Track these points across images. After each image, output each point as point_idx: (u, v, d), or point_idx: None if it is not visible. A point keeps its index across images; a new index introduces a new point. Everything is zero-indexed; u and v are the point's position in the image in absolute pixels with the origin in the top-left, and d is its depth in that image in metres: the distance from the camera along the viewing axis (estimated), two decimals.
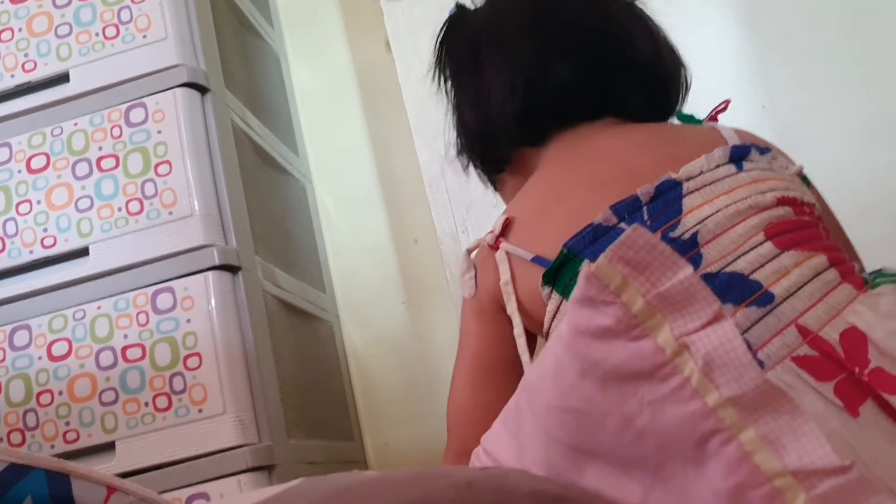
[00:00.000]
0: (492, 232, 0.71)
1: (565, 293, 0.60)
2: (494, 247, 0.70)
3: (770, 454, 0.36)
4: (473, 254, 0.74)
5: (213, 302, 1.08)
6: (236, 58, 1.37)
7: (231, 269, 1.11)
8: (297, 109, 1.64)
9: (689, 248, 0.57)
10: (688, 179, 0.62)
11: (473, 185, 1.44)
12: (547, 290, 0.62)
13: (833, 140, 1.28)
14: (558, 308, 0.61)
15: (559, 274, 0.61)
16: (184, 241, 1.10)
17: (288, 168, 1.49)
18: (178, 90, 1.14)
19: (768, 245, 0.57)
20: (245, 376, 1.07)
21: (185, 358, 1.06)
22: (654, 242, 0.40)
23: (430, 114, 1.40)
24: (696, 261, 0.56)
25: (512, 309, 0.66)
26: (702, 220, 0.58)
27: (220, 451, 1.03)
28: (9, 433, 1.06)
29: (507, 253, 0.67)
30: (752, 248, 0.57)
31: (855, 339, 0.51)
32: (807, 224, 0.61)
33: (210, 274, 1.09)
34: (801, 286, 0.56)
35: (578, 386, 0.41)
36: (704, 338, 0.39)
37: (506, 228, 0.70)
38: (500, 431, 0.50)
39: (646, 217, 0.60)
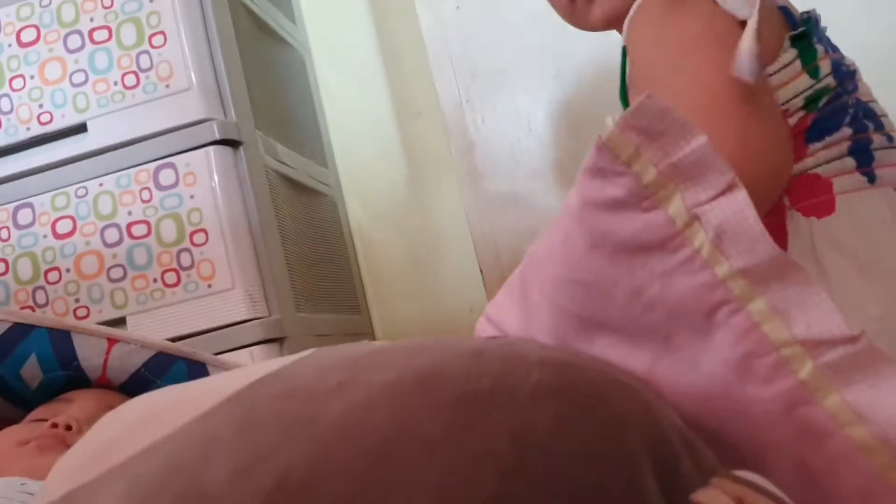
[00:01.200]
0: None
1: (800, 54, 0.66)
2: None
3: (778, 323, 0.37)
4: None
5: (215, 177, 1.07)
6: None
7: (232, 143, 1.10)
8: None
9: (852, 75, 0.69)
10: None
11: (478, 51, 1.40)
12: (789, 42, 0.66)
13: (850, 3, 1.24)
14: (791, 63, 0.65)
15: (801, 35, 0.66)
16: (183, 115, 1.07)
17: (286, 38, 1.45)
18: None
19: (880, 105, 0.71)
20: (252, 251, 1.08)
21: (191, 234, 1.06)
22: (668, 109, 0.39)
23: None
24: (855, 87, 0.69)
25: (752, 26, 0.61)
26: (852, 63, 0.71)
27: (231, 325, 1.05)
28: (20, 310, 1.08)
29: None
30: (875, 101, 0.71)
31: None
32: None
33: (211, 149, 1.07)
34: None
35: (587, 258, 0.41)
36: (717, 208, 0.38)
37: None
38: (506, 300, 0.50)
39: (823, 37, 0.70)
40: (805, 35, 0.67)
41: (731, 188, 0.38)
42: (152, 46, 1.08)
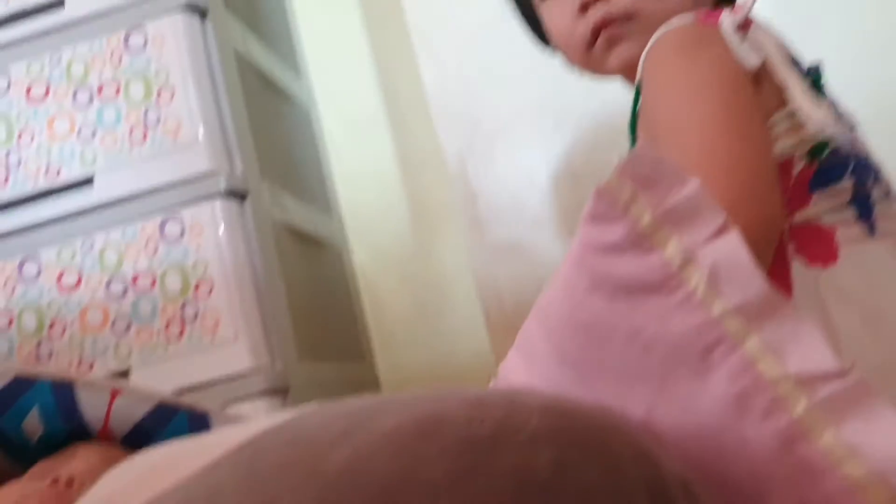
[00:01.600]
0: (737, 10, 0.69)
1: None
2: (745, 26, 0.68)
3: (772, 361, 0.38)
4: (726, 23, 0.68)
5: (221, 229, 1.08)
6: None
7: (238, 195, 1.11)
8: (299, 30, 1.60)
9: (853, 128, 0.73)
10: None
11: (479, 104, 1.42)
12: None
13: (841, 54, 1.26)
14: (794, 113, 0.67)
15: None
16: (189, 168, 1.09)
17: (291, 92, 1.47)
18: (177, 15, 1.12)
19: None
20: (256, 302, 1.08)
21: (196, 286, 1.06)
22: (661, 159, 0.42)
23: (434, 33, 1.37)
24: (855, 139, 0.70)
25: (787, 75, 0.65)
26: (850, 115, 0.74)
27: (235, 377, 1.05)
28: (23, 363, 1.08)
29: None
30: (871, 154, 0.72)
31: None
32: None
33: (217, 201, 1.08)
34: None
35: (587, 300, 0.42)
36: (711, 249, 0.40)
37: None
38: (515, 358, 0.51)
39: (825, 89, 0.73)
40: (812, 86, 0.68)
41: (724, 230, 0.40)
42: (160, 102, 1.10)
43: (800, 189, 0.67)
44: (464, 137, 1.41)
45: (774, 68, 0.66)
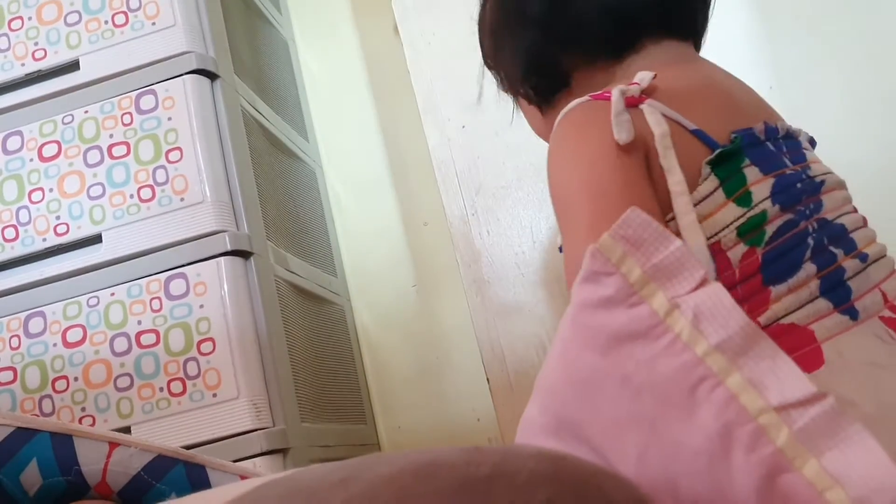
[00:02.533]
0: (633, 83, 0.65)
1: (723, 182, 0.61)
2: (635, 101, 0.63)
3: (754, 393, 0.40)
4: (615, 97, 0.64)
5: (225, 287, 1.09)
6: (245, 44, 1.37)
7: (243, 254, 1.12)
8: (306, 94, 1.64)
9: (817, 191, 0.64)
10: (799, 137, 0.69)
11: (482, 168, 1.45)
12: (708, 169, 0.61)
13: (841, 120, 1.28)
14: (711, 193, 0.60)
15: (723, 160, 0.61)
16: (196, 227, 1.10)
17: (298, 153, 1.50)
18: (187, 77, 1.15)
19: (858, 216, 0.67)
20: (258, 361, 1.08)
21: (199, 343, 1.07)
22: (649, 221, 0.45)
23: (438, 97, 1.40)
24: (818, 205, 0.63)
25: (672, 164, 0.61)
26: (824, 174, 0.66)
27: (235, 435, 1.05)
28: (23, 415, 1.08)
29: (660, 112, 0.63)
30: (849, 212, 0.66)
31: None
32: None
33: (222, 259, 1.09)
34: (881, 258, 0.64)
35: (581, 357, 0.45)
36: (693, 297, 0.43)
37: (650, 89, 0.65)
38: (518, 434, 0.52)
39: (784, 149, 0.65)
40: (729, 159, 0.62)
41: (704, 283, 0.43)
42: (169, 161, 1.12)
43: (752, 286, 0.59)
44: (466, 198, 1.43)
45: (658, 150, 0.61)
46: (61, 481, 0.87)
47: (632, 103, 0.63)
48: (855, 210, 0.68)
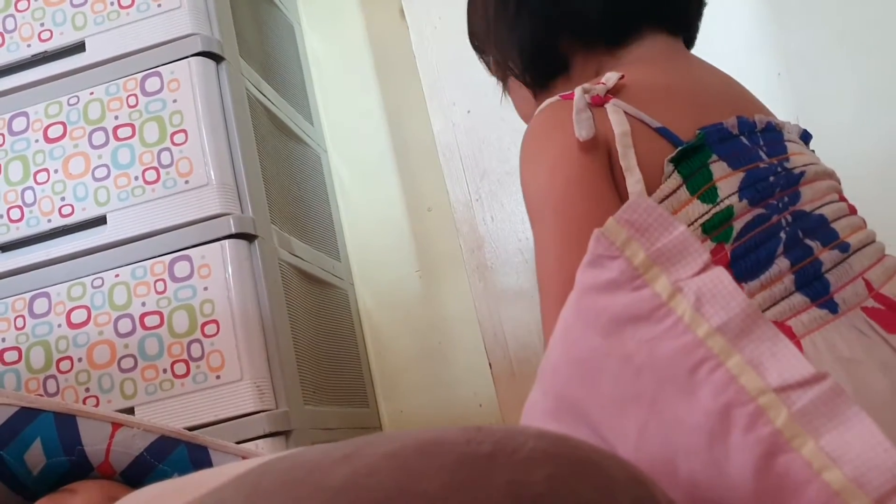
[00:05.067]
0: (600, 83, 0.65)
1: (686, 179, 0.61)
2: (601, 101, 0.64)
3: (754, 375, 0.41)
4: (577, 95, 0.64)
5: (229, 270, 1.09)
6: (250, 27, 1.36)
7: (247, 237, 1.13)
8: (312, 78, 1.64)
9: (794, 183, 0.64)
10: (783, 129, 0.69)
11: (487, 153, 1.45)
12: (671, 167, 0.62)
13: (849, 107, 1.28)
14: (674, 191, 0.61)
15: (688, 156, 0.62)
16: (200, 209, 1.11)
17: (302, 137, 1.50)
18: (192, 59, 1.15)
19: (843, 204, 0.66)
20: (262, 343, 1.09)
21: (203, 325, 1.07)
22: (654, 206, 0.46)
23: (443, 81, 1.40)
24: (794, 197, 0.63)
25: (631, 164, 0.61)
26: (805, 165, 0.66)
27: (238, 417, 1.05)
28: (27, 395, 1.08)
29: (624, 111, 0.63)
30: (832, 202, 0.65)
31: None
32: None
33: (227, 242, 1.10)
34: (866, 245, 0.64)
35: (583, 337, 0.46)
36: (695, 281, 0.44)
37: (617, 88, 0.65)
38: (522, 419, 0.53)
39: (761, 142, 0.65)
40: (693, 155, 0.62)
41: (708, 267, 0.44)
42: (174, 144, 1.12)
43: None
44: (471, 184, 1.43)
45: (618, 149, 0.62)
46: (65, 461, 0.87)
47: (597, 102, 0.63)
48: (841, 199, 0.68)
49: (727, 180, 0.61)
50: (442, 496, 0.27)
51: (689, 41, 0.79)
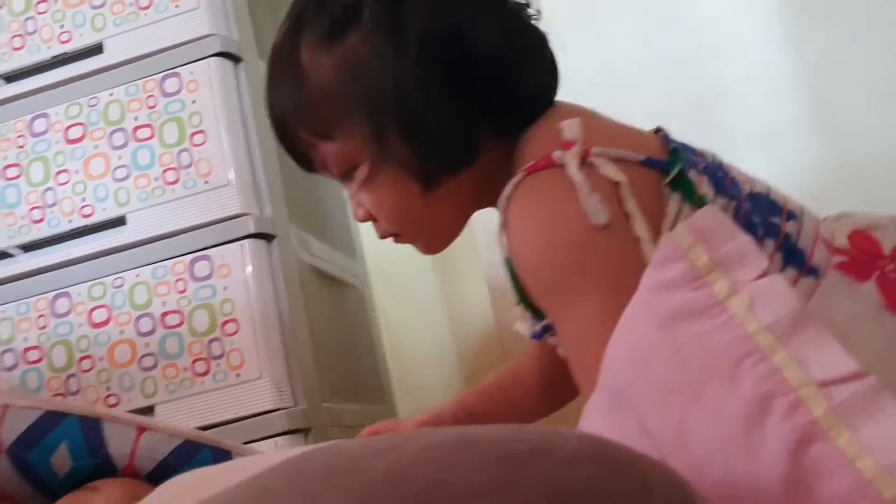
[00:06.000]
0: (568, 145, 0.63)
1: (683, 195, 0.64)
2: (584, 156, 0.62)
3: (797, 369, 0.43)
4: (573, 171, 0.62)
5: (249, 269, 1.10)
6: (269, 26, 1.37)
7: (266, 237, 1.13)
8: None
9: (726, 171, 0.67)
10: None
11: None
12: (668, 190, 0.64)
13: (867, 106, 1.27)
14: (679, 212, 0.63)
15: (676, 175, 0.64)
16: (220, 210, 1.11)
17: None
18: (211, 60, 1.16)
19: (758, 177, 0.70)
20: (280, 342, 1.10)
21: (223, 324, 1.08)
22: (721, 217, 0.51)
23: None
24: (735, 183, 0.66)
25: (634, 209, 0.61)
26: (712, 155, 0.69)
27: (258, 415, 1.06)
28: (53, 397, 1.10)
29: (606, 157, 0.63)
30: (754, 179, 0.69)
31: (862, 240, 0.65)
32: None
33: (246, 242, 1.11)
34: (802, 212, 0.68)
35: (638, 330, 0.49)
36: (753, 284, 0.47)
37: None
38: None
39: (689, 158, 0.67)
40: (679, 172, 0.64)
41: (765, 273, 0.48)
42: (193, 144, 1.13)
43: None
44: None
45: (622, 196, 0.62)
46: (90, 464, 0.88)
47: (582, 160, 0.63)
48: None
49: (703, 184, 0.65)
50: (481, 491, 0.28)
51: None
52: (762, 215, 0.66)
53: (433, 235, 0.77)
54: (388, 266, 1.57)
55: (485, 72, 0.67)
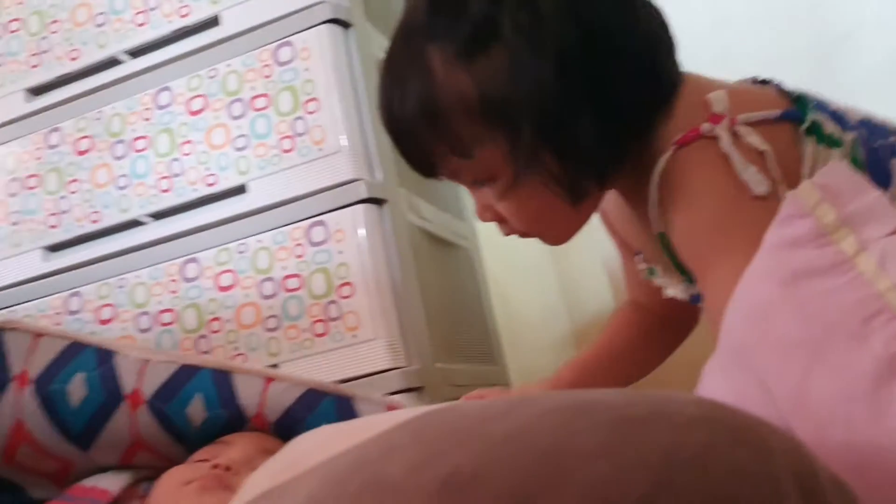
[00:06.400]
0: (716, 118, 0.63)
1: (817, 140, 0.64)
2: (732, 127, 0.63)
3: None
4: (726, 145, 0.62)
5: (361, 234, 1.13)
6: None
7: (377, 202, 1.16)
8: None
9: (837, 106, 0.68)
10: None
11: None
12: (803, 136, 0.64)
13: None
14: (815, 155, 0.63)
15: (811, 123, 0.64)
16: (333, 176, 1.15)
17: None
18: (322, 27, 1.18)
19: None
20: (393, 303, 1.12)
21: (339, 287, 1.12)
22: (849, 172, 0.50)
23: None
24: (844, 114, 0.67)
25: (779, 174, 0.61)
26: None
27: (374, 374, 1.10)
28: (187, 353, 1.16)
29: (747, 123, 0.63)
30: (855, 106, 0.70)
31: None
32: None
33: (359, 207, 1.13)
34: None
35: (759, 288, 0.49)
36: (884, 241, 0.46)
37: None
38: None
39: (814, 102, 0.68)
40: (807, 119, 0.64)
41: None
42: (307, 112, 1.16)
43: None
44: None
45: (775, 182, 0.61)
46: (223, 413, 0.94)
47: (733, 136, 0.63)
48: None
49: (826, 121, 0.65)
50: (597, 454, 0.29)
51: None
52: (878, 138, 0.66)
53: (566, 233, 0.77)
54: (496, 228, 1.58)
55: (628, 73, 0.65)
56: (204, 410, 0.94)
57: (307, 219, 1.14)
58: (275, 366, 1.13)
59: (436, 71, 0.67)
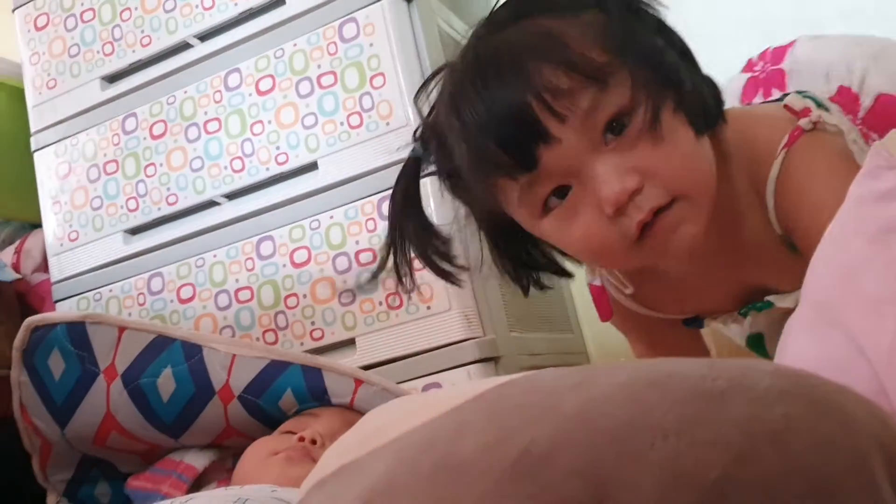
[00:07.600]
0: (805, 112, 0.70)
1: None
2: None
3: None
4: (852, 133, 0.70)
5: (431, 206, 1.13)
6: None
7: None
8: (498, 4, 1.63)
9: None
10: None
11: None
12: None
13: None
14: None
15: None
16: (401, 150, 1.14)
17: None
18: (385, 2, 1.18)
19: None
20: (467, 273, 1.12)
21: None
22: None
23: None
24: None
25: (863, 146, 0.69)
26: None
27: (450, 345, 1.10)
28: (264, 333, 1.19)
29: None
30: None
31: None
32: None
33: (427, 181, 1.13)
34: None
35: (848, 244, 0.47)
36: None
37: None
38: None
39: None
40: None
41: None
42: (373, 87, 1.16)
43: None
44: None
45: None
46: (315, 405, 0.97)
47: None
48: None
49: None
50: (674, 430, 0.28)
51: None
52: None
53: (711, 176, 0.69)
54: None
55: (702, 77, 0.72)
56: (296, 403, 0.96)
57: (377, 193, 1.15)
58: (352, 340, 1.15)
59: (542, 21, 0.69)
